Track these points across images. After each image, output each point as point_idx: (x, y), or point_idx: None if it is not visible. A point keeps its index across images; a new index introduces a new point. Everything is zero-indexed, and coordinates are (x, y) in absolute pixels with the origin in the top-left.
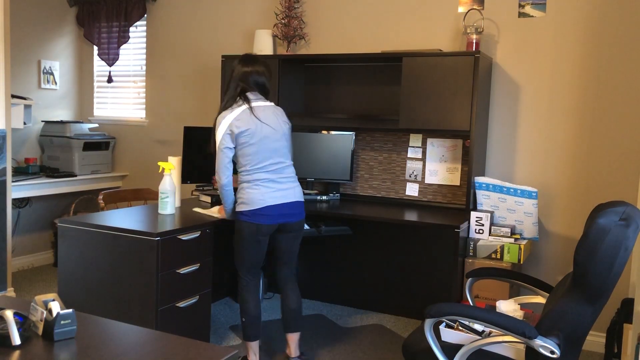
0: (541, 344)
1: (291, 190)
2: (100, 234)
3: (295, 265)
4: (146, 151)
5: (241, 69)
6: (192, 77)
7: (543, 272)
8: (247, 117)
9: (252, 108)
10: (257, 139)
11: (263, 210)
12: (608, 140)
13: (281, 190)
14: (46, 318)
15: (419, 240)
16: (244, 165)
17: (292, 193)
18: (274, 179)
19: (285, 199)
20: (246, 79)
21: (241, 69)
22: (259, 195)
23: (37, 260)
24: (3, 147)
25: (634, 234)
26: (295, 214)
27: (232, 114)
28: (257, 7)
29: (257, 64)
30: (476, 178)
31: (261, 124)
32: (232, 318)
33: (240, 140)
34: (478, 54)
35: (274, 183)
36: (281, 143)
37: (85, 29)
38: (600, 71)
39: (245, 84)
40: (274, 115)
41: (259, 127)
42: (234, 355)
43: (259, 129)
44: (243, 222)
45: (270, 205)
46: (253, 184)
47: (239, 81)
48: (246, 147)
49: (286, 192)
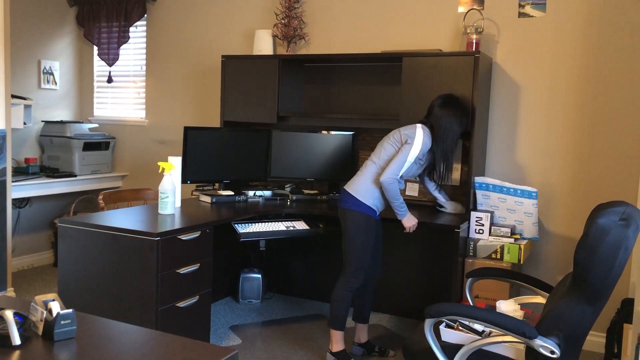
0: (541, 344)
1: (350, 182)
2: (100, 234)
3: (345, 262)
4: (146, 151)
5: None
6: (192, 77)
7: (543, 272)
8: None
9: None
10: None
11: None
12: (608, 140)
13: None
14: (46, 318)
15: (419, 240)
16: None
17: (349, 183)
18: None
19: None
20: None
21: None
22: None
23: (37, 260)
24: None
25: (634, 234)
26: (340, 200)
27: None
28: (257, 7)
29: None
30: (476, 178)
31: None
32: (232, 318)
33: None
34: (478, 54)
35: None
36: (380, 144)
37: (85, 29)
38: (600, 71)
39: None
40: (402, 128)
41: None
42: (234, 355)
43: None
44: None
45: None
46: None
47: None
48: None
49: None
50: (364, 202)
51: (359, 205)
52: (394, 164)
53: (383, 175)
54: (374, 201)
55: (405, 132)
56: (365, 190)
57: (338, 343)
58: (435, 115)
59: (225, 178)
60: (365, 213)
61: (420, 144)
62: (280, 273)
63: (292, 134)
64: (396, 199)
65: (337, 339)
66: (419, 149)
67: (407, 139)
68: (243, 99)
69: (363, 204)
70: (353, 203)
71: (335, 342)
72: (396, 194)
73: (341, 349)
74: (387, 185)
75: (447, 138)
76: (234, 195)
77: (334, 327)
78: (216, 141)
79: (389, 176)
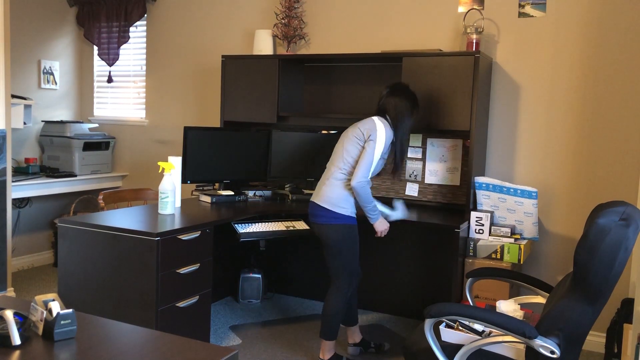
0: (541, 344)
1: (317, 191)
2: (100, 234)
3: (333, 277)
4: (146, 151)
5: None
6: (192, 77)
7: (543, 272)
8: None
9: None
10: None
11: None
12: (608, 140)
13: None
14: (46, 318)
15: (418, 240)
16: None
17: (317, 193)
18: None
19: (312, 198)
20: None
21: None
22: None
23: (37, 260)
24: (3, 147)
25: (634, 234)
26: (312, 214)
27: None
28: (257, 7)
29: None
30: (476, 178)
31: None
32: (232, 318)
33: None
34: (478, 54)
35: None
36: (339, 145)
37: (85, 29)
38: (600, 71)
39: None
40: (357, 123)
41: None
42: (234, 355)
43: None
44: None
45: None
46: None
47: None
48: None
49: (315, 192)
50: (343, 213)
51: (338, 217)
52: (363, 166)
53: (354, 179)
54: (351, 208)
55: (365, 128)
56: (340, 199)
57: (330, 351)
58: (388, 103)
59: (225, 178)
60: (348, 224)
61: (383, 138)
62: (280, 273)
63: (292, 134)
64: (369, 202)
65: (329, 347)
66: (382, 143)
67: (369, 134)
68: (243, 99)
69: (342, 215)
70: (331, 217)
71: (327, 350)
72: (368, 197)
73: (332, 355)
74: (360, 189)
75: (404, 123)
76: (234, 195)
77: (328, 338)
78: (216, 141)
79: (361, 179)
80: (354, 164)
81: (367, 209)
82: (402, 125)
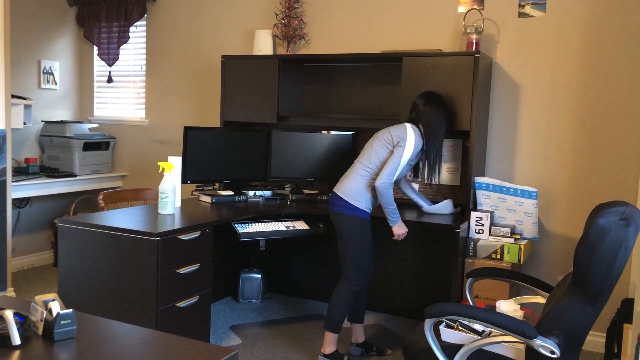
0: (541, 344)
1: (339, 183)
2: (100, 234)
3: (343, 267)
4: (146, 151)
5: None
6: (192, 77)
7: (543, 272)
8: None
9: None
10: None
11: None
12: (608, 140)
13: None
14: (46, 318)
15: (418, 240)
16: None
17: (338, 185)
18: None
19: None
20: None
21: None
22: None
23: (37, 260)
24: (3, 147)
25: (634, 234)
26: (330, 203)
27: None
28: (257, 7)
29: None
30: (476, 178)
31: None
32: (232, 318)
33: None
34: (478, 54)
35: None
36: (368, 146)
37: (85, 29)
38: (600, 71)
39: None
40: (391, 128)
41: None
42: (234, 355)
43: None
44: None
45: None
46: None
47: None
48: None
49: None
50: (358, 206)
51: (353, 209)
52: (389, 168)
53: (378, 180)
54: (367, 204)
55: (396, 134)
56: (358, 194)
57: (331, 345)
58: (423, 112)
59: (225, 178)
60: (361, 217)
61: (412, 145)
62: (280, 273)
63: (292, 134)
64: (390, 204)
65: (331, 340)
66: (411, 150)
67: (399, 141)
68: (243, 99)
69: (357, 208)
70: (347, 207)
71: (329, 343)
72: (391, 199)
73: (334, 350)
74: (383, 191)
75: (438, 134)
76: (234, 195)
77: (331, 329)
78: (216, 141)
79: (385, 181)
80: (379, 165)
81: (388, 211)
82: (435, 136)
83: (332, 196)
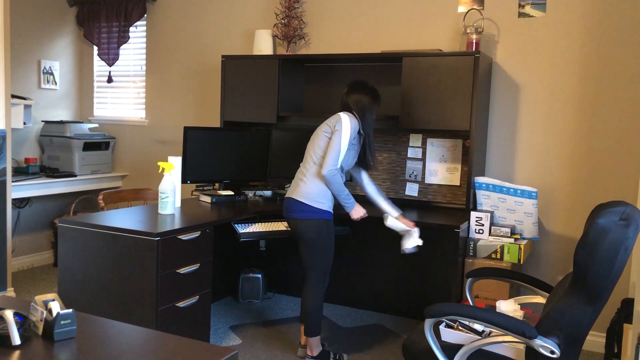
0: (541, 344)
1: (292, 187)
2: (100, 234)
3: (310, 275)
4: (146, 151)
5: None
6: (192, 77)
7: (543, 272)
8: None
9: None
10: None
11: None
12: (608, 140)
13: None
14: (46, 318)
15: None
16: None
17: (292, 189)
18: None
19: (288, 194)
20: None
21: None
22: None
23: (37, 260)
24: (3, 147)
25: (634, 234)
26: (288, 209)
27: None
28: (257, 7)
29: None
30: (476, 178)
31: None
32: (232, 318)
33: None
34: (478, 54)
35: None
36: (311, 142)
37: (85, 29)
38: (600, 71)
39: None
40: (327, 120)
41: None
42: (234, 355)
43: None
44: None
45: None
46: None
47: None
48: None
49: (291, 187)
50: (321, 208)
51: (317, 212)
52: (330, 154)
53: (324, 169)
54: (329, 203)
55: (331, 122)
56: (317, 194)
57: (317, 346)
58: (350, 99)
59: (225, 178)
60: (325, 219)
61: (349, 126)
62: (280, 273)
63: (292, 134)
64: (342, 191)
65: (316, 343)
66: (348, 132)
67: (334, 125)
68: (243, 99)
69: (319, 210)
70: (310, 211)
71: (315, 346)
72: (340, 185)
73: (320, 350)
74: (330, 178)
75: (366, 117)
76: (234, 195)
77: (312, 335)
78: (216, 141)
79: (330, 167)
80: (324, 154)
81: (342, 198)
82: (365, 119)
83: (288, 202)
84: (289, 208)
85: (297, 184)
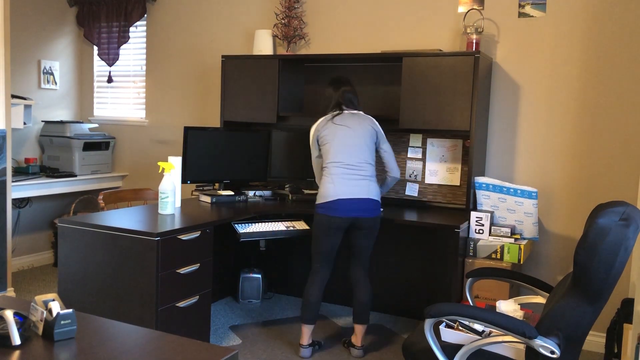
0: (541, 344)
1: (365, 188)
2: (100, 234)
3: (367, 262)
4: (146, 151)
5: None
6: (192, 77)
7: (543, 272)
8: (324, 123)
9: (335, 115)
10: (332, 138)
11: (335, 204)
12: (608, 140)
13: (354, 187)
14: (46, 318)
15: (418, 240)
16: (324, 162)
17: (366, 190)
18: (348, 174)
19: (358, 194)
20: (342, 96)
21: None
22: (332, 189)
23: (37, 260)
24: (3, 147)
25: (634, 234)
26: (367, 210)
27: (316, 124)
28: (257, 7)
29: (348, 84)
30: (476, 178)
31: (335, 126)
32: (232, 318)
33: (320, 142)
34: (478, 54)
35: (347, 178)
36: (357, 141)
37: (85, 29)
38: (600, 71)
39: (340, 99)
40: (355, 119)
41: (333, 128)
42: (234, 355)
43: (334, 130)
44: (318, 213)
45: (342, 199)
46: (329, 178)
47: (337, 97)
48: (323, 146)
49: (359, 188)
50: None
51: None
52: (394, 157)
53: (398, 172)
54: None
55: (374, 126)
56: (379, 193)
57: (309, 337)
58: (352, 96)
59: (225, 178)
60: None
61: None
62: (280, 273)
63: (292, 134)
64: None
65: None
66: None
67: (377, 129)
68: (243, 99)
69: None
70: (379, 208)
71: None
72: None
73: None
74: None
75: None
76: (234, 195)
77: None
78: (216, 141)
79: (398, 169)
80: (375, 159)
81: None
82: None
83: (369, 202)
84: (368, 208)
85: (367, 185)
